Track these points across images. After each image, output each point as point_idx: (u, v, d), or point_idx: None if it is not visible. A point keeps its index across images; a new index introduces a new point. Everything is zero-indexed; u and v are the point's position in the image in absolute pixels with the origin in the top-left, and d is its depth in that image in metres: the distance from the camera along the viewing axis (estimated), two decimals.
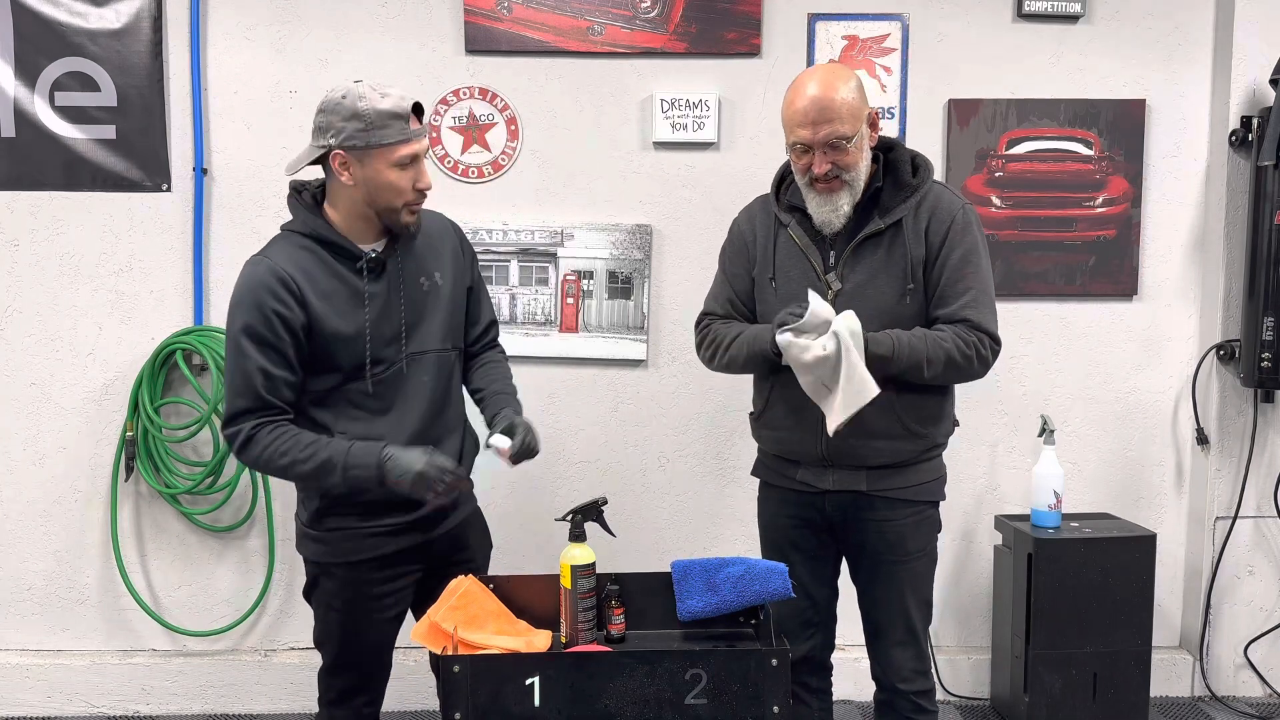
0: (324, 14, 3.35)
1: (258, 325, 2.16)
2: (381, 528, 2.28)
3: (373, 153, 2.15)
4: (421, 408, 2.30)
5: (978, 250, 2.38)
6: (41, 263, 3.39)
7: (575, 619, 2.21)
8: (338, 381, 2.23)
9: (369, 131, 2.13)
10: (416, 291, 2.29)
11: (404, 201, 2.20)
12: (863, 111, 2.32)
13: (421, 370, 2.30)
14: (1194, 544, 3.57)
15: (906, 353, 2.29)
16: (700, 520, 3.51)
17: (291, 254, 2.21)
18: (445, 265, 2.35)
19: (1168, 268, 3.51)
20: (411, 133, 2.16)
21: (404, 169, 2.17)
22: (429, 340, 2.31)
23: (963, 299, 2.34)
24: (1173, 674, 3.57)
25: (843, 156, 2.30)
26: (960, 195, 2.46)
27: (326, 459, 2.16)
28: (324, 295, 2.19)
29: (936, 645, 3.57)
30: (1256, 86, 3.36)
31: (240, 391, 2.18)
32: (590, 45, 3.36)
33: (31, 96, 3.33)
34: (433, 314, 2.31)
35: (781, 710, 1.98)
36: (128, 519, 3.47)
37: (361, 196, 2.20)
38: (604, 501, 2.35)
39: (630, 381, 3.46)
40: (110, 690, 3.46)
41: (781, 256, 2.44)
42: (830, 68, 2.39)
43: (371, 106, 2.13)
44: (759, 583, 2.21)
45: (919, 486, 2.45)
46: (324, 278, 2.20)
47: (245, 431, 2.18)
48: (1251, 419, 3.46)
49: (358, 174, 2.18)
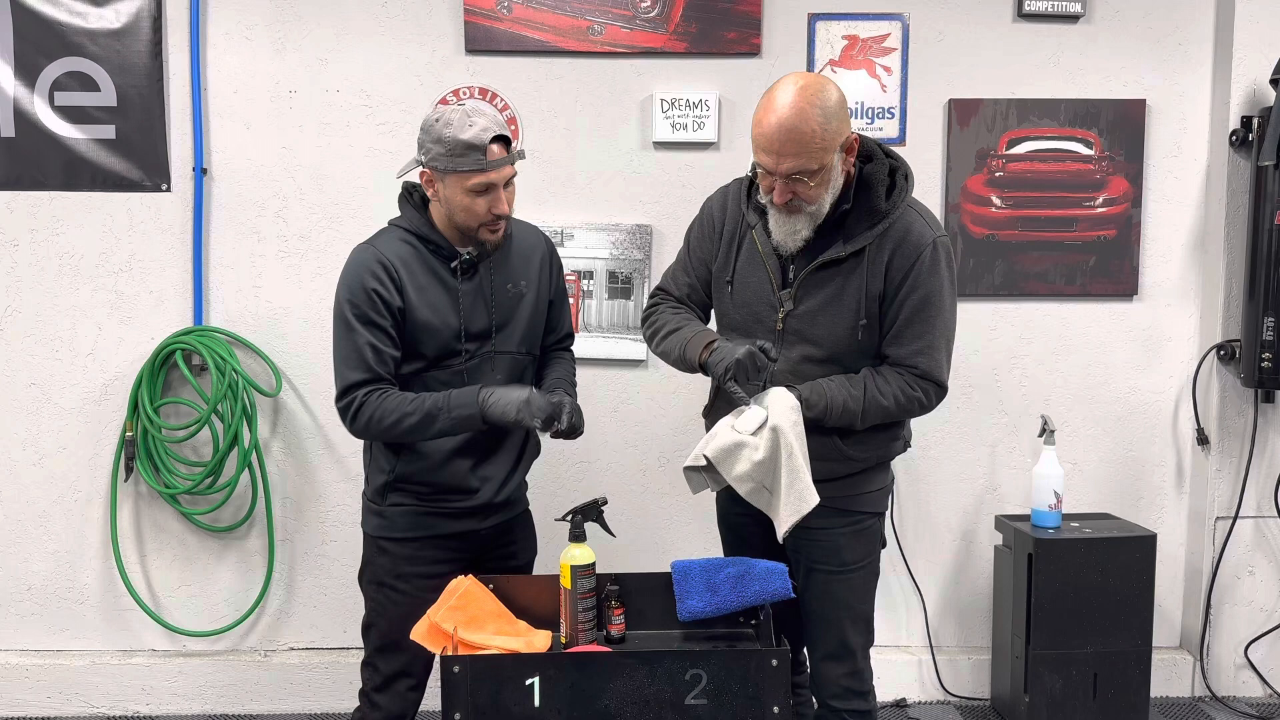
0: (324, 14, 3.34)
1: (362, 304, 2.33)
2: (441, 509, 2.43)
3: (449, 177, 2.32)
4: None
5: (940, 292, 2.26)
6: (41, 263, 3.39)
7: (575, 619, 2.21)
8: (421, 367, 2.40)
9: (449, 158, 2.29)
10: (503, 295, 2.45)
11: (479, 223, 2.35)
12: (836, 140, 2.15)
13: (498, 369, 2.45)
14: (1194, 544, 3.57)
15: (839, 413, 2.25)
16: (700, 520, 3.51)
17: (394, 245, 2.39)
18: (532, 276, 2.51)
19: (1168, 268, 3.51)
20: (487, 164, 2.29)
21: (478, 195, 2.31)
22: (508, 342, 2.46)
23: (916, 344, 2.26)
24: (1173, 674, 3.57)
25: (805, 190, 2.17)
26: (934, 222, 2.31)
27: (431, 406, 2.32)
28: (419, 286, 2.36)
29: (937, 645, 3.57)
30: (1256, 86, 3.36)
31: (353, 365, 2.34)
32: (590, 45, 3.36)
33: (31, 96, 3.33)
34: (516, 318, 2.47)
35: (781, 710, 1.98)
36: (127, 519, 3.47)
37: (445, 211, 2.38)
38: (604, 501, 2.35)
39: (630, 381, 3.46)
40: (110, 690, 3.46)
41: (742, 260, 2.37)
42: (807, 85, 2.14)
43: (454, 135, 2.27)
44: (759, 583, 2.22)
45: (859, 496, 2.38)
46: (421, 271, 2.38)
47: (358, 399, 2.33)
48: (1252, 419, 3.46)
49: (441, 192, 2.36)
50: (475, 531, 2.47)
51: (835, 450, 2.32)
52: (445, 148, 2.29)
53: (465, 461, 2.42)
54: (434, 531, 2.44)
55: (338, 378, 2.37)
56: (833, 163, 2.18)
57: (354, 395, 2.34)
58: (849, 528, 2.38)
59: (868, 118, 3.41)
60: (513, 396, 2.31)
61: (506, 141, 2.34)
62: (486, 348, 2.43)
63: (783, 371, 2.31)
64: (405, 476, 2.42)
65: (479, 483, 2.44)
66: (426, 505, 2.43)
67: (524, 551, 2.62)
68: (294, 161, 3.38)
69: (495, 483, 2.46)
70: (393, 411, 2.32)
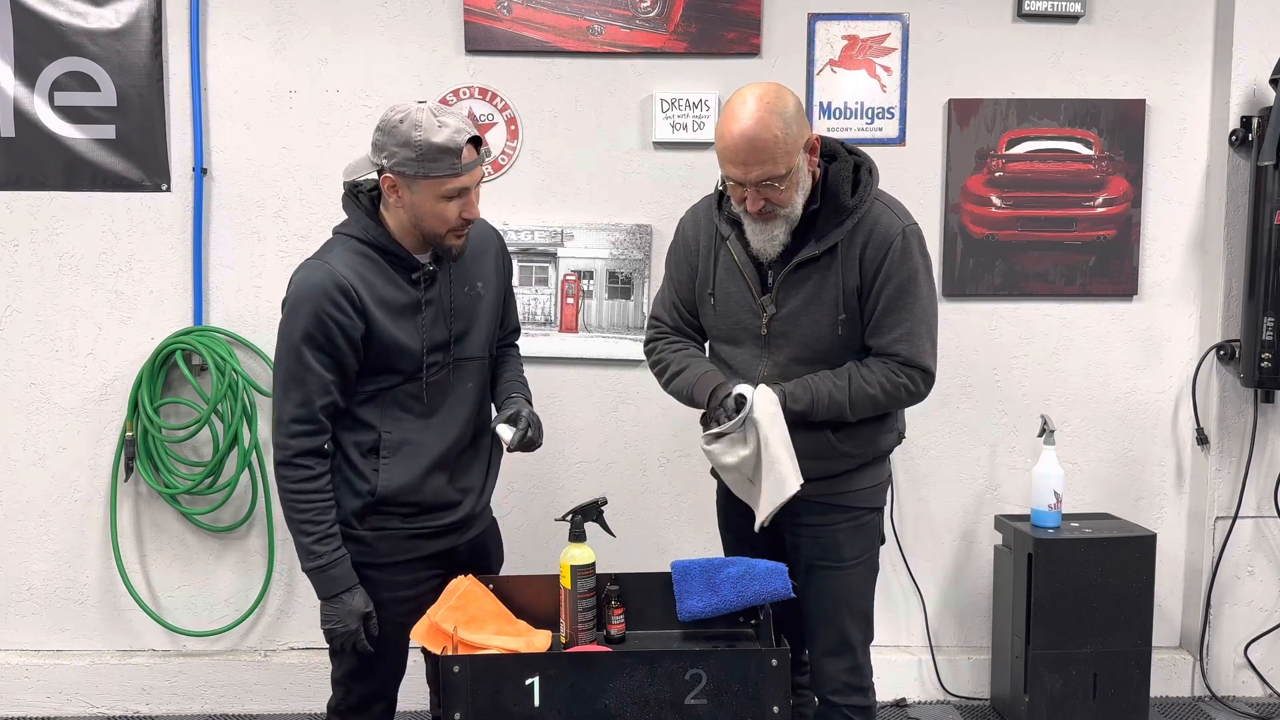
0: (324, 14, 3.34)
1: (316, 333, 2.18)
2: (424, 529, 2.33)
3: (420, 183, 2.17)
4: (466, 412, 2.37)
5: (915, 279, 2.28)
6: (41, 263, 3.39)
7: (575, 619, 2.21)
8: (392, 383, 2.28)
9: (420, 162, 2.15)
10: (463, 299, 2.34)
11: (448, 229, 2.23)
12: (799, 143, 2.21)
13: (466, 376, 2.36)
14: (1194, 544, 3.57)
15: (825, 405, 2.26)
16: (700, 520, 3.51)
17: (350, 260, 2.22)
18: (489, 275, 2.40)
19: (1168, 268, 3.51)
20: (462, 167, 2.17)
21: (451, 200, 2.19)
22: (473, 347, 2.37)
23: (895, 332, 2.28)
24: (1173, 674, 3.57)
25: (776, 195, 2.21)
26: (903, 212, 2.33)
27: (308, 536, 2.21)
28: (382, 303, 2.22)
29: (937, 645, 3.57)
30: (1256, 86, 3.36)
31: (298, 400, 2.20)
32: (590, 45, 3.36)
33: (31, 96, 3.32)
34: (478, 321, 2.37)
35: (781, 710, 1.98)
36: (127, 519, 3.47)
37: (408, 219, 2.23)
38: (604, 501, 2.35)
39: (630, 381, 3.46)
40: (110, 690, 3.46)
41: (721, 272, 2.39)
42: (764, 96, 2.20)
43: (426, 139, 2.13)
44: (759, 583, 2.22)
45: (857, 492, 2.39)
46: (382, 285, 2.23)
47: (294, 450, 2.21)
48: (1251, 419, 3.46)
49: (406, 198, 2.20)
50: (454, 549, 2.39)
51: (828, 446, 2.33)
52: (415, 151, 2.14)
53: (442, 475, 2.33)
54: (417, 554, 2.33)
55: (277, 408, 2.22)
56: (799, 164, 2.23)
57: (288, 443, 2.21)
58: (847, 523, 2.39)
59: (867, 118, 3.41)
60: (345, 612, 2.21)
61: (477, 142, 2.22)
62: (454, 356, 2.33)
63: (771, 375, 2.34)
64: (387, 498, 2.28)
65: (460, 495, 2.36)
66: (410, 526, 2.31)
67: (496, 562, 2.57)
68: (294, 161, 3.38)
69: (474, 493, 2.41)
70: (301, 503, 2.21)
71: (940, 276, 3.42)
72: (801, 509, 2.35)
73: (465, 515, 2.37)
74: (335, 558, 2.23)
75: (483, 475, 2.44)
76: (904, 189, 2.64)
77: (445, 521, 2.34)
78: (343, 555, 2.24)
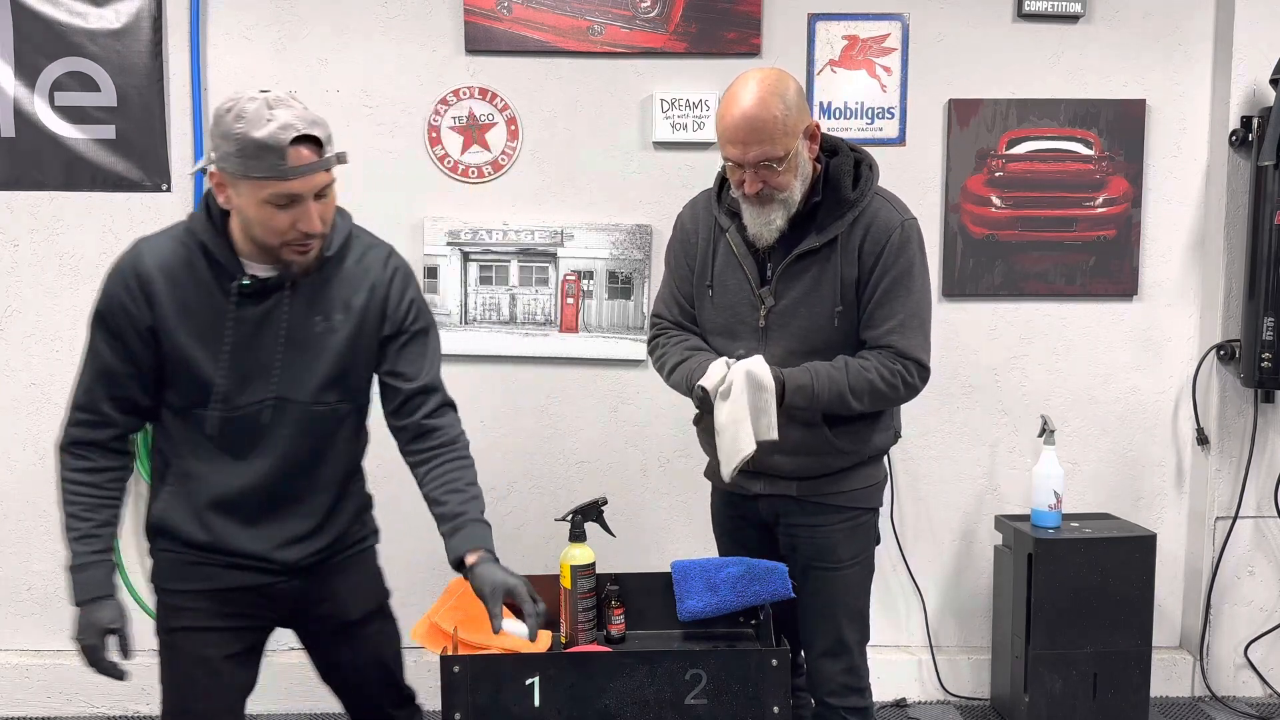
0: (324, 14, 3.34)
1: (108, 316, 1.95)
2: (214, 558, 2.02)
3: (242, 183, 1.84)
4: (271, 463, 2.00)
5: (911, 272, 2.29)
6: (41, 262, 3.39)
7: (575, 619, 2.21)
8: (184, 404, 1.98)
9: (241, 159, 1.82)
10: (303, 331, 1.97)
11: (281, 241, 1.89)
12: (799, 127, 2.21)
13: (284, 422, 1.98)
14: (1194, 544, 3.57)
15: (827, 390, 2.24)
16: (700, 520, 3.50)
17: (169, 249, 1.95)
18: (355, 309, 2.01)
19: (1168, 268, 3.51)
20: (288, 169, 1.82)
21: (279, 208, 1.85)
22: (300, 389, 1.98)
23: (889, 324, 2.27)
24: (1173, 674, 3.57)
25: (774, 177, 2.21)
26: (902, 207, 2.34)
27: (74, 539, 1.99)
28: (182, 305, 1.93)
29: (937, 645, 3.57)
30: (1256, 86, 3.36)
31: (84, 386, 1.99)
32: (590, 45, 3.36)
33: (31, 96, 3.32)
34: (315, 360, 1.98)
35: (781, 710, 1.98)
36: (128, 519, 3.45)
37: (239, 222, 1.92)
38: (604, 501, 2.35)
39: (630, 381, 3.46)
40: (110, 690, 3.46)
41: (720, 264, 2.39)
42: (765, 79, 2.21)
43: (246, 131, 1.80)
44: (759, 583, 2.22)
45: (853, 492, 2.39)
46: (191, 286, 1.93)
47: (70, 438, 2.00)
48: (1252, 419, 3.46)
49: (233, 199, 1.88)
50: (271, 585, 2.06)
51: (825, 442, 2.33)
52: (235, 145, 1.81)
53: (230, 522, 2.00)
54: (211, 584, 2.03)
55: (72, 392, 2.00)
56: (798, 148, 2.22)
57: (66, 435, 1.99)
58: (844, 524, 2.39)
59: (867, 118, 3.41)
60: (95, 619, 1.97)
61: (317, 143, 1.86)
62: (270, 394, 1.96)
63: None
64: (163, 530, 2.03)
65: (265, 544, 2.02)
66: (193, 554, 2.02)
67: (357, 603, 2.16)
68: None
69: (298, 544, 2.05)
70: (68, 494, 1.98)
71: (940, 276, 3.42)
72: (797, 509, 2.36)
73: (283, 564, 2.05)
74: (88, 560, 1.98)
75: (307, 527, 2.06)
76: (904, 189, 2.63)
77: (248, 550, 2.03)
78: (98, 561, 1.98)
